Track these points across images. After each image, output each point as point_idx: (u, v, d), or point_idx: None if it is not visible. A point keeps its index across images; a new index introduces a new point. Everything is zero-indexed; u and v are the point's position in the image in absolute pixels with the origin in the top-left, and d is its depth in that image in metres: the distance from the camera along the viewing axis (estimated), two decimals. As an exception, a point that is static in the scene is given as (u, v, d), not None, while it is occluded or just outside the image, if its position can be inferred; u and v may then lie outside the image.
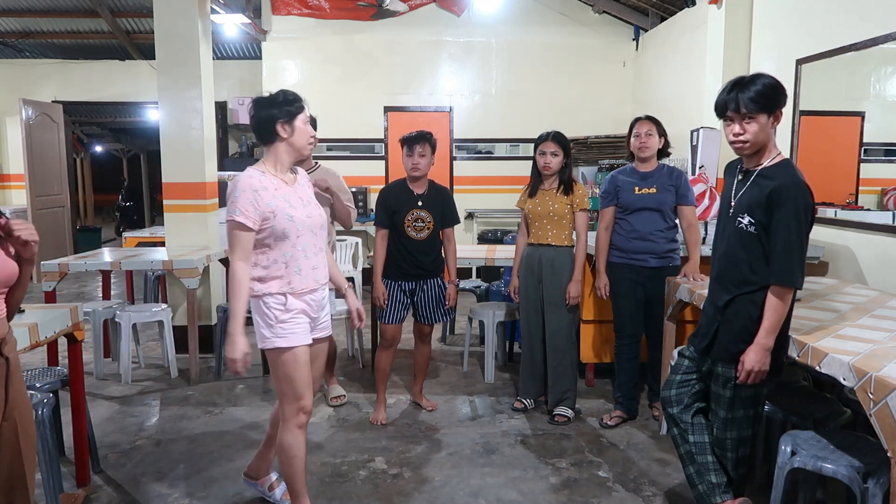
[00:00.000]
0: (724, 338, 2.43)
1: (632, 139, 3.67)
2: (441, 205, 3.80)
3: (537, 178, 3.79)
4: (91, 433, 3.20)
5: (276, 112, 2.50)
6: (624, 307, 3.74)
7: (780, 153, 2.38)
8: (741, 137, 2.32)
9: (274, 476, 2.96)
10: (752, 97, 2.27)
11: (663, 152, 3.69)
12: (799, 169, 2.35)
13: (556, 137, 3.68)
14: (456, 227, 3.91)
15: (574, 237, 3.79)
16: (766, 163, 2.35)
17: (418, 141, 3.66)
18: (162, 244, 5.66)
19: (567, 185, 3.72)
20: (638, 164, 3.71)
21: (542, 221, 3.75)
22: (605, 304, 4.28)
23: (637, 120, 3.69)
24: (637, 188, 3.64)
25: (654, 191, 3.62)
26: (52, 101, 9.01)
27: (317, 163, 3.97)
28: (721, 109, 2.36)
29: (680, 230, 3.72)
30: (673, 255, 3.69)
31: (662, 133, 3.66)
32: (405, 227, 3.71)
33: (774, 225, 2.27)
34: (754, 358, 2.32)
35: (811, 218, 2.30)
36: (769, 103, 2.28)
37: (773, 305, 2.29)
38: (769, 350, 2.32)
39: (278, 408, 2.63)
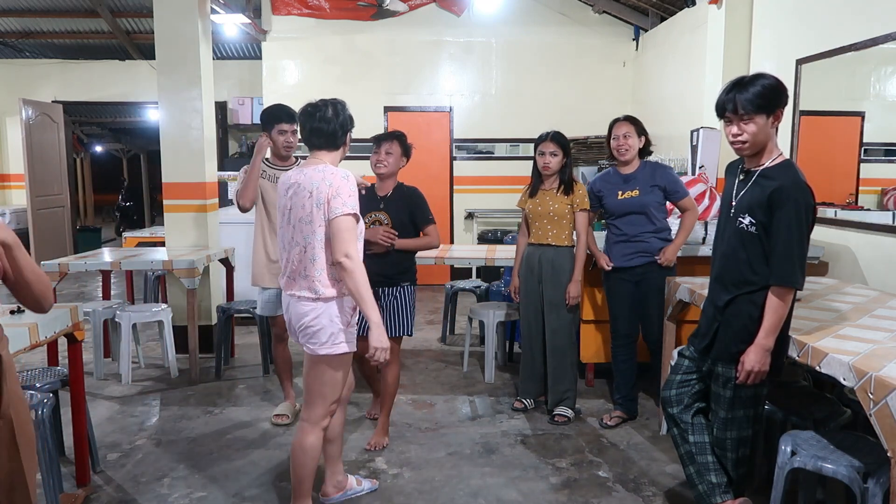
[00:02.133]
0: (725, 338, 2.43)
1: (611, 142, 3.66)
2: (406, 207, 3.52)
3: (538, 178, 3.79)
4: (91, 433, 3.20)
5: (350, 121, 2.69)
6: (617, 308, 3.75)
7: (781, 154, 2.38)
8: (740, 138, 2.33)
9: (350, 476, 3.00)
10: (750, 98, 2.27)
11: (645, 151, 3.69)
12: (800, 170, 2.35)
13: (556, 137, 3.68)
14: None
15: (574, 237, 3.79)
16: (767, 163, 2.35)
17: (387, 139, 3.50)
18: (162, 244, 5.66)
19: (567, 185, 3.72)
20: (619, 166, 3.70)
21: (542, 221, 3.75)
22: (607, 304, 4.29)
23: (615, 121, 3.68)
24: (620, 192, 3.64)
25: (637, 193, 3.62)
26: (52, 101, 9.02)
27: (297, 159, 3.93)
28: (720, 110, 2.37)
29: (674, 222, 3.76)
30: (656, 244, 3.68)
31: (642, 132, 3.65)
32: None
33: (775, 225, 2.28)
34: (754, 358, 2.32)
35: (812, 219, 2.30)
36: (766, 104, 2.28)
37: (773, 306, 2.29)
38: (769, 350, 2.32)
39: (310, 414, 2.62)
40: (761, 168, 2.36)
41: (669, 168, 3.77)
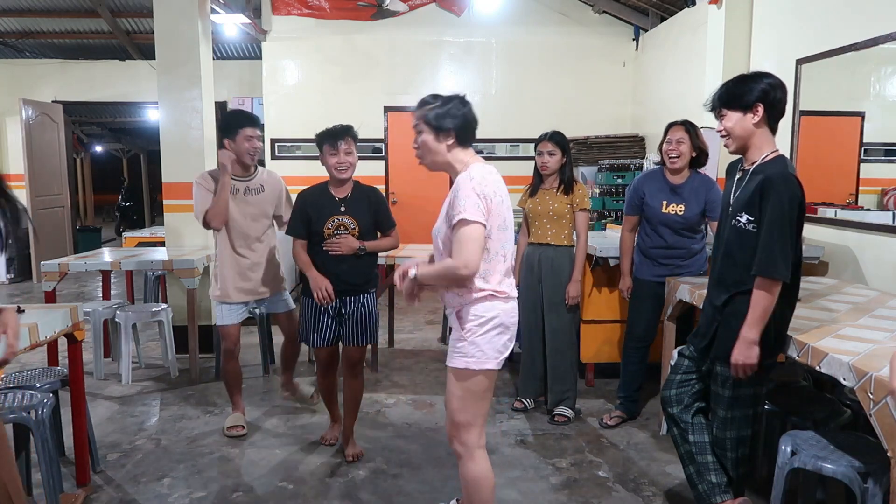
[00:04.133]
0: (723, 337, 2.43)
1: (664, 145, 3.55)
2: (368, 208, 3.26)
3: (538, 178, 3.78)
4: (91, 433, 3.20)
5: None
6: (642, 312, 3.69)
7: (775, 150, 2.39)
8: (721, 133, 2.43)
9: None
10: (720, 94, 2.41)
11: (698, 162, 3.55)
12: (791, 164, 2.36)
13: (553, 137, 3.67)
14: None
15: (574, 237, 3.78)
16: (759, 160, 2.37)
17: (342, 136, 3.17)
18: (162, 244, 5.66)
19: (568, 185, 3.70)
20: (668, 173, 3.57)
21: (541, 221, 3.74)
22: (607, 304, 4.29)
23: (672, 124, 3.55)
24: (665, 203, 3.52)
25: (682, 210, 3.49)
26: (52, 101, 9.01)
27: (257, 168, 3.70)
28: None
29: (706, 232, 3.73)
30: (697, 262, 3.64)
31: (698, 143, 3.50)
32: (326, 237, 3.19)
33: (762, 217, 2.29)
34: (737, 352, 2.33)
35: (800, 211, 2.28)
36: (731, 99, 2.37)
37: (756, 298, 2.30)
38: (753, 343, 2.32)
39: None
40: (755, 165, 2.37)
41: (717, 185, 3.64)
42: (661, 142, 3.61)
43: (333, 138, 3.17)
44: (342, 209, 3.22)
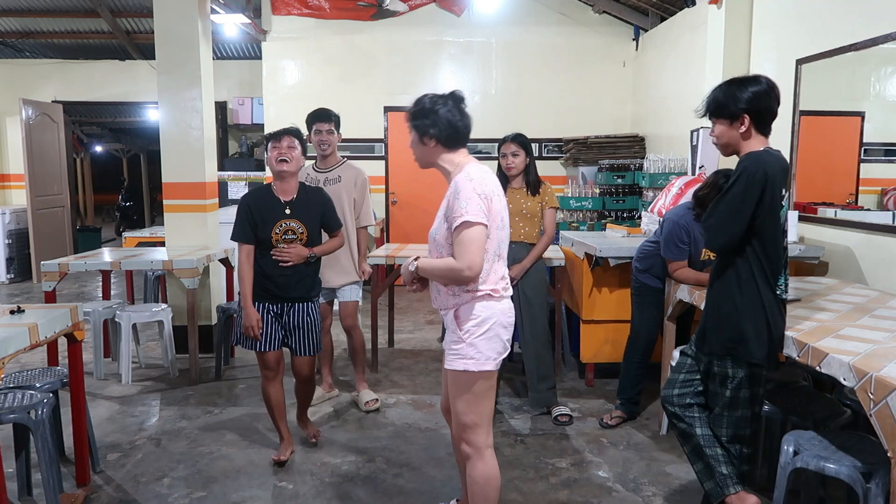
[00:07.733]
0: (708, 328, 2.47)
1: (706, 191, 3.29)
2: (315, 210, 3.23)
3: (503, 179, 3.85)
4: (91, 433, 3.20)
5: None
6: (646, 317, 3.70)
7: (767, 148, 2.38)
8: (712, 139, 2.45)
9: None
10: (707, 103, 2.44)
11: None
12: (778, 153, 2.34)
13: (516, 138, 3.78)
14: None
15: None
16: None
17: (286, 133, 3.15)
18: (162, 244, 5.66)
19: (535, 185, 3.82)
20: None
21: (513, 220, 3.79)
22: (607, 304, 4.29)
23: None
24: (704, 252, 3.38)
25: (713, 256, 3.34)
26: (52, 101, 9.02)
27: (343, 158, 4.11)
28: None
29: None
30: None
31: None
32: (274, 242, 3.13)
33: None
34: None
35: (759, 187, 2.24)
36: (718, 109, 2.38)
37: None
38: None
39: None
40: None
41: None
42: (702, 188, 3.37)
43: (277, 135, 3.18)
44: (287, 212, 3.16)
